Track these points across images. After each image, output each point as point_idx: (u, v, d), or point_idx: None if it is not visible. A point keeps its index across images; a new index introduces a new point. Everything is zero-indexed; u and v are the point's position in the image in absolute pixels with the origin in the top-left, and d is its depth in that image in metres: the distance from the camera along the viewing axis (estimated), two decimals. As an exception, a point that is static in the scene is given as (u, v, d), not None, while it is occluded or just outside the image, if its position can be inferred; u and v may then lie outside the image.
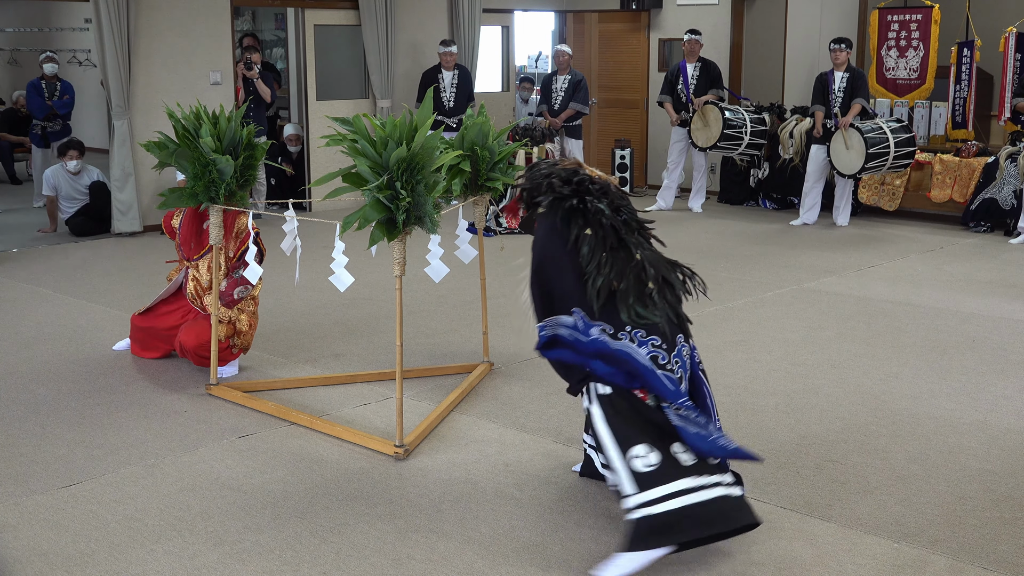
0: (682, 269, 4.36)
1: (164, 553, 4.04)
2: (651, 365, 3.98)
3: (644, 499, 3.84)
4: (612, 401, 4.00)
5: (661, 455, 3.88)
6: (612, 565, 3.84)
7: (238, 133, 5.76)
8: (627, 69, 13.81)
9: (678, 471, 3.87)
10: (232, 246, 6.05)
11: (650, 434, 3.94)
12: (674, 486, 3.85)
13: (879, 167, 10.58)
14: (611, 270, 4.07)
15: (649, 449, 3.89)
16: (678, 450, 3.93)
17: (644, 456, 3.88)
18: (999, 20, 11.18)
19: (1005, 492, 4.57)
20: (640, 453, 3.89)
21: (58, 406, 5.68)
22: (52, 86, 12.75)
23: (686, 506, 3.83)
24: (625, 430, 3.94)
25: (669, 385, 3.98)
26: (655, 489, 3.84)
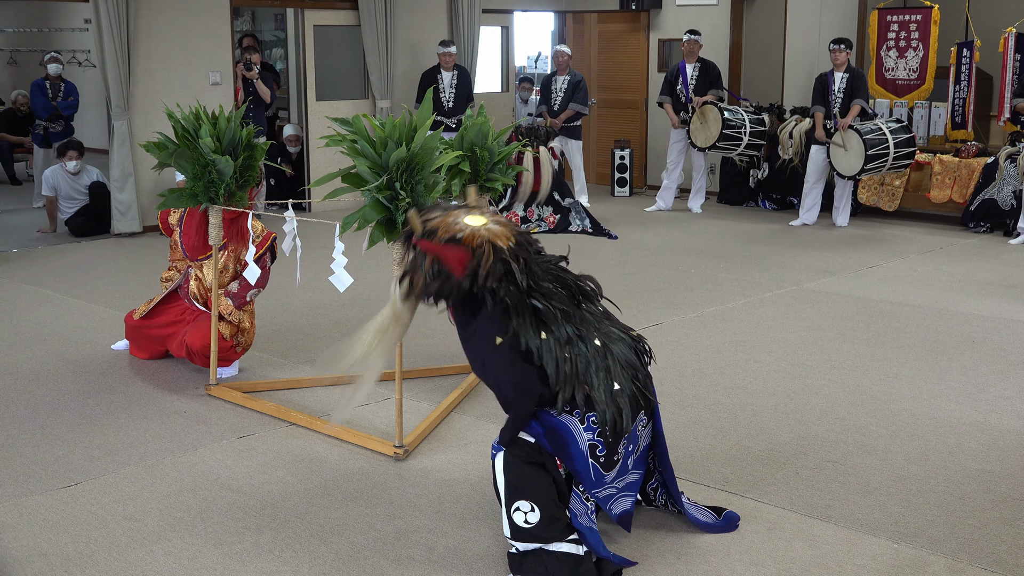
0: (635, 341, 4.09)
1: (163, 553, 4.04)
2: (585, 452, 3.84)
3: (517, 547, 3.84)
4: (525, 451, 3.86)
5: (541, 515, 3.79)
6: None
7: (237, 133, 5.76)
8: (626, 69, 13.81)
9: (558, 533, 3.81)
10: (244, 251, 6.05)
11: (543, 494, 3.82)
12: (552, 547, 3.80)
13: (879, 168, 10.58)
14: (575, 374, 3.81)
15: (531, 507, 3.80)
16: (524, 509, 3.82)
17: (527, 512, 3.81)
18: (998, 20, 11.17)
19: (1005, 492, 4.57)
20: (524, 508, 3.81)
21: (57, 406, 5.68)
22: (56, 87, 12.78)
23: (567, 555, 3.80)
24: (520, 482, 3.83)
25: (592, 476, 3.86)
26: (527, 543, 3.81)
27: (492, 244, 3.77)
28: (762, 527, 4.25)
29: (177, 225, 6.29)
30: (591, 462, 3.84)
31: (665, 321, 7.30)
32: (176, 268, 6.38)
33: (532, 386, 3.81)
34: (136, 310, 6.49)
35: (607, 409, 3.80)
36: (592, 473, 3.84)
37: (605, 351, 3.89)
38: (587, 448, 3.83)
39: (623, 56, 13.84)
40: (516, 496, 3.82)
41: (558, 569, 3.77)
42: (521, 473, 3.83)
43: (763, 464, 4.87)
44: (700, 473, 4.76)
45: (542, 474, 3.85)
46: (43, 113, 12.65)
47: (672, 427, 5.32)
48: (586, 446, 3.82)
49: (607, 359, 3.88)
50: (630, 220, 11.43)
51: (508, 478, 3.84)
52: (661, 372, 6.18)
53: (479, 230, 3.79)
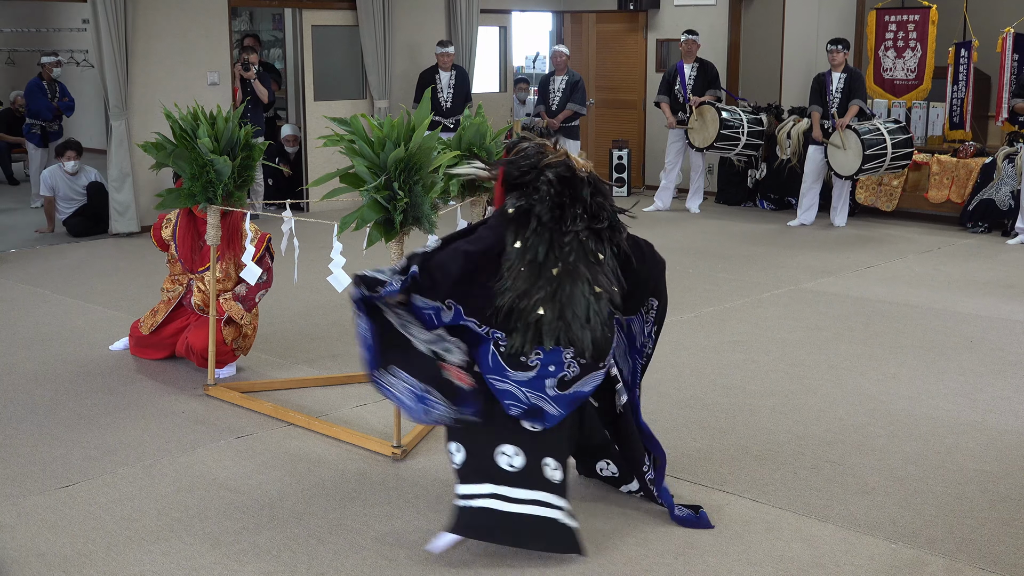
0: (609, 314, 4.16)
1: (161, 554, 4.04)
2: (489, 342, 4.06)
3: (461, 491, 4.04)
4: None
5: (467, 455, 4.05)
6: (440, 540, 4.05)
7: (235, 134, 5.76)
8: (625, 70, 13.81)
9: (493, 476, 4.02)
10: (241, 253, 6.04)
11: (467, 434, 4.06)
12: (485, 488, 4.00)
13: (876, 168, 10.59)
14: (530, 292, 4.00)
15: (458, 448, 4.07)
16: (509, 453, 4.03)
17: (453, 453, 4.08)
18: (997, 20, 11.18)
19: (1003, 492, 4.57)
20: (451, 449, 4.10)
21: (56, 406, 5.68)
22: (53, 87, 12.78)
23: (502, 513, 3.98)
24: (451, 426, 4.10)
25: (490, 362, 4.05)
26: (467, 485, 4.02)
27: (568, 156, 4.15)
28: (760, 527, 4.25)
29: (172, 239, 6.27)
30: (492, 350, 4.04)
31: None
32: (178, 281, 6.34)
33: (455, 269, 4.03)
34: (141, 324, 6.43)
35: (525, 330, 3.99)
36: (490, 360, 4.04)
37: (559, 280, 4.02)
38: (492, 341, 4.05)
39: (621, 56, 13.84)
40: (448, 438, 4.12)
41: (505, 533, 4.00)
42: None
43: (761, 464, 4.87)
44: (698, 473, 4.77)
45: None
46: (46, 114, 12.65)
47: (670, 427, 5.32)
48: (492, 340, 4.05)
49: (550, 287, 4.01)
50: (628, 220, 11.40)
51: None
52: (659, 372, 6.18)
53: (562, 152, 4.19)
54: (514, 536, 4.00)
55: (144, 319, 6.44)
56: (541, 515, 4.00)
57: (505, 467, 4.03)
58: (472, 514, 4.00)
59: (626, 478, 4.48)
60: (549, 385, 4.05)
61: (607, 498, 4.50)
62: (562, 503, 4.05)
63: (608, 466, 4.49)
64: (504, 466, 4.03)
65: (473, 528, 4.00)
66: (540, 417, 4.05)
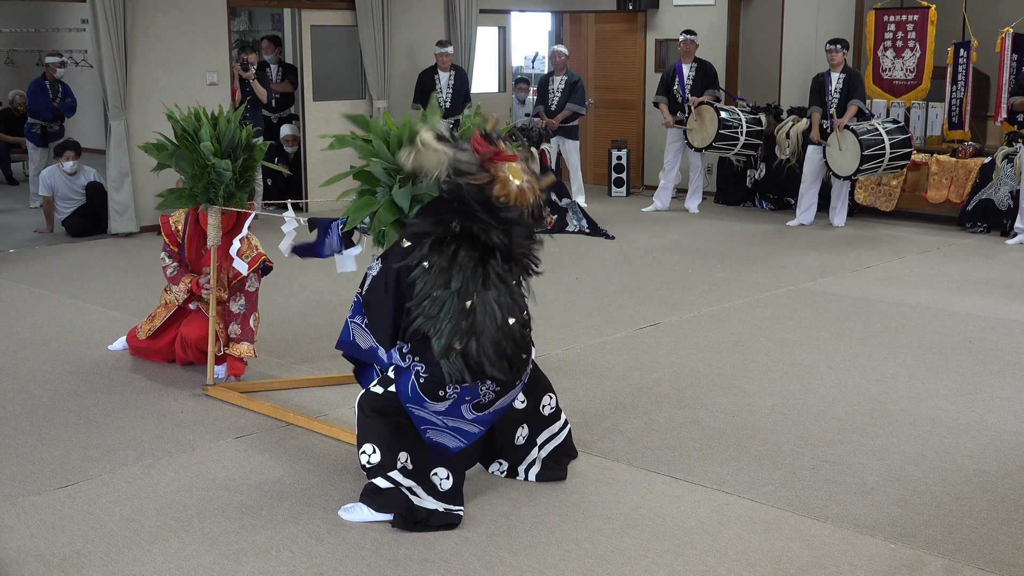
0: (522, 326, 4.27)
1: (160, 554, 4.04)
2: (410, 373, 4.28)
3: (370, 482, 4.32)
4: (375, 401, 4.35)
5: (382, 457, 4.29)
6: (350, 510, 4.34)
7: (237, 135, 5.75)
8: (624, 70, 13.81)
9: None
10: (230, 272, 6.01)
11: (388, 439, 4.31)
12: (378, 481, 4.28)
13: (875, 168, 10.59)
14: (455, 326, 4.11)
15: (373, 449, 4.31)
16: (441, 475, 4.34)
17: (369, 455, 4.32)
18: (996, 21, 11.18)
19: (1002, 493, 4.58)
20: (367, 451, 4.32)
21: (55, 406, 5.68)
22: (55, 87, 12.78)
23: (405, 499, 4.24)
24: (367, 431, 4.34)
25: (409, 393, 4.29)
26: (378, 479, 4.28)
27: (493, 183, 4.17)
28: (759, 527, 4.25)
29: (181, 239, 6.14)
30: (412, 380, 4.26)
31: (662, 321, 7.30)
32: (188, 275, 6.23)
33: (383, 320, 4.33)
34: (138, 330, 6.39)
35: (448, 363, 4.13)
36: (410, 391, 4.27)
37: (472, 314, 4.10)
38: (413, 372, 4.27)
39: (620, 56, 13.84)
40: (363, 439, 4.35)
41: (386, 500, 4.24)
42: (369, 420, 4.33)
43: (760, 464, 4.88)
44: (697, 473, 4.77)
45: (383, 421, 4.31)
46: (47, 114, 12.65)
47: (669, 427, 5.32)
48: (412, 372, 4.27)
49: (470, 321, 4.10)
50: (627, 220, 11.43)
51: (359, 423, 4.38)
52: (658, 372, 6.19)
53: (512, 185, 4.19)
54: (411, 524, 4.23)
55: (141, 325, 6.39)
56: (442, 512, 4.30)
57: (437, 485, 4.33)
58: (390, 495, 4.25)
59: (514, 472, 4.71)
60: (466, 410, 4.29)
61: (606, 499, 4.50)
62: (458, 509, 4.34)
63: (500, 465, 4.72)
64: (436, 484, 4.33)
65: (386, 505, 4.25)
66: (462, 439, 4.36)
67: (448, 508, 4.29)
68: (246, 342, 5.98)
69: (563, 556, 4.01)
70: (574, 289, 8.19)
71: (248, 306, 6.02)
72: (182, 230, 6.15)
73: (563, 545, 4.10)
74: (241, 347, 5.97)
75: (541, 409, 4.70)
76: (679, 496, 4.52)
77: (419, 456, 4.32)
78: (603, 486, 4.62)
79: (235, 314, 6.00)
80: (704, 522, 4.29)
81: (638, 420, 5.43)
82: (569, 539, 4.15)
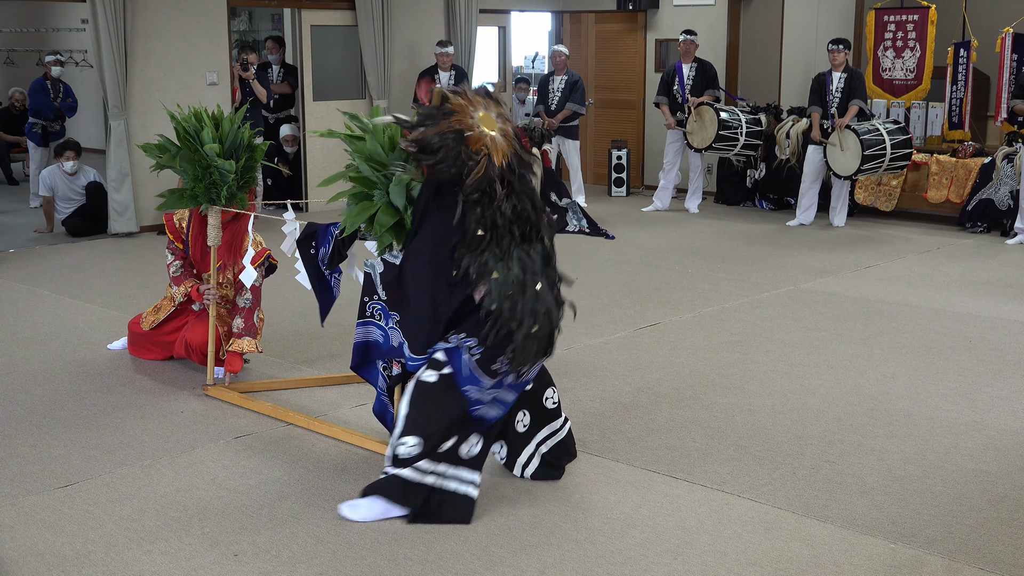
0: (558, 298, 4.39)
1: (160, 553, 4.04)
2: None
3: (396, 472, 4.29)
4: (430, 391, 4.28)
5: (423, 449, 4.23)
6: (353, 507, 4.32)
7: (239, 136, 5.75)
8: (624, 70, 13.81)
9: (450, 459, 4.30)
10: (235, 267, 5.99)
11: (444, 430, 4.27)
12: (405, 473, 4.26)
13: (875, 168, 10.59)
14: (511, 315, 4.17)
15: (416, 441, 4.24)
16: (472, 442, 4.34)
17: (410, 446, 4.24)
18: (996, 21, 11.19)
19: (1001, 492, 4.58)
20: (408, 442, 4.25)
21: (55, 406, 5.68)
22: (56, 87, 12.79)
23: (425, 490, 4.26)
24: (414, 424, 4.26)
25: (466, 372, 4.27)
26: (406, 471, 4.26)
27: (489, 157, 4.10)
28: (759, 527, 4.25)
29: (185, 237, 6.12)
30: (466, 358, 4.22)
31: (662, 321, 7.31)
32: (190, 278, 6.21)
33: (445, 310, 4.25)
34: (142, 319, 6.39)
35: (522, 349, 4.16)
36: (465, 370, 4.22)
37: (537, 295, 4.19)
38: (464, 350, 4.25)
39: (620, 56, 13.84)
40: (410, 430, 4.25)
41: (404, 493, 4.24)
42: (422, 412, 4.25)
43: (760, 464, 4.88)
44: (697, 473, 4.77)
45: (438, 414, 4.25)
46: (48, 113, 12.65)
47: (669, 427, 5.32)
48: (464, 349, 4.25)
49: (536, 306, 4.17)
50: (627, 220, 11.43)
51: (409, 413, 4.28)
52: (658, 372, 6.19)
53: (485, 136, 4.11)
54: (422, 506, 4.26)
55: (146, 315, 6.39)
56: (456, 490, 4.30)
57: (465, 452, 4.32)
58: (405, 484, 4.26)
59: (511, 463, 4.71)
60: (508, 381, 4.32)
61: (606, 499, 4.50)
62: (475, 477, 4.35)
63: (501, 449, 4.73)
64: (465, 451, 4.32)
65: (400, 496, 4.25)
66: (502, 408, 4.38)
67: (463, 487, 4.29)
68: (248, 337, 5.98)
69: (563, 556, 4.01)
70: (574, 289, 8.14)
71: (253, 301, 6.02)
72: (186, 228, 6.13)
73: (563, 545, 4.10)
74: (243, 342, 5.96)
75: (544, 401, 4.69)
76: (679, 496, 4.52)
77: (463, 437, 4.31)
78: (603, 486, 4.62)
79: (240, 308, 6.00)
80: (704, 522, 4.29)
81: (638, 420, 5.43)
82: (569, 539, 4.15)
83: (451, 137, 4.11)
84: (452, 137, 4.11)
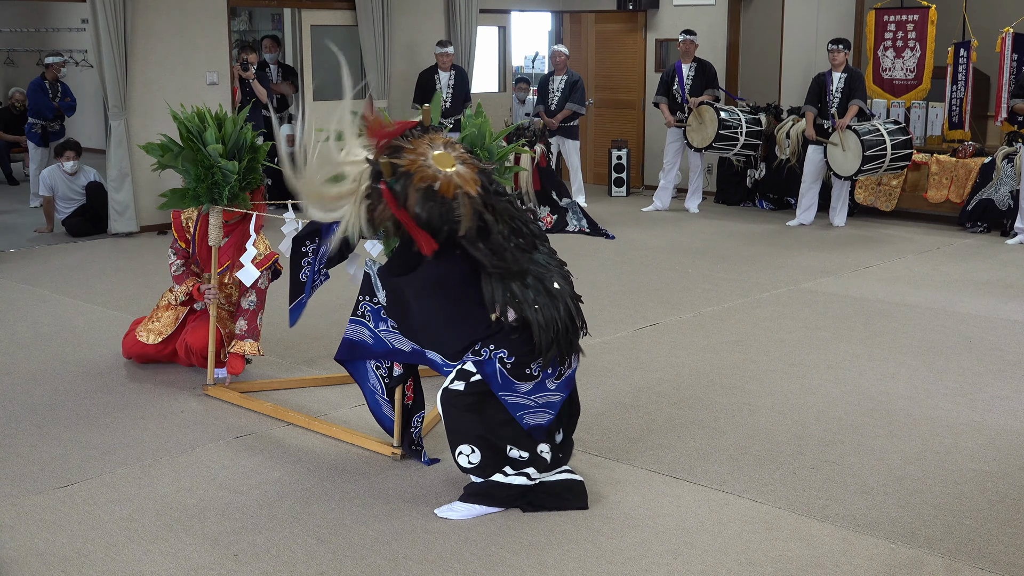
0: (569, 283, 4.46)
1: (160, 553, 4.04)
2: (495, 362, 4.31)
3: (473, 479, 4.38)
4: (461, 398, 4.33)
5: (482, 455, 4.30)
6: (450, 509, 4.36)
7: (242, 136, 5.75)
8: (624, 70, 13.81)
9: (502, 464, 4.35)
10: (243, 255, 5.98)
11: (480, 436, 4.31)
12: (497, 478, 4.34)
13: (876, 169, 10.59)
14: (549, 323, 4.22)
15: (472, 450, 4.30)
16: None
17: (468, 455, 4.32)
18: (996, 20, 11.18)
19: (1002, 492, 4.58)
20: (465, 452, 4.32)
21: (55, 406, 5.68)
22: (55, 87, 12.79)
23: (522, 489, 4.35)
24: (458, 427, 4.33)
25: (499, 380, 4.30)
26: (496, 476, 4.33)
27: (467, 196, 4.05)
28: (759, 527, 4.25)
29: (192, 237, 6.09)
30: (498, 368, 4.26)
31: (662, 321, 7.31)
32: (191, 277, 6.18)
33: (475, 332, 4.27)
34: (141, 333, 6.21)
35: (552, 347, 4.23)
36: (499, 379, 4.26)
37: (559, 295, 4.27)
38: (496, 360, 4.28)
39: (620, 56, 13.84)
40: (458, 441, 4.32)
41: (506, 495, 4.33)
42: (459, 420, 4.31)
43: (760, 464, 4.88)
44: (697, 473, 4.77)
45: (477, 418, 4.29)
46: (48, 113, 12.66)
47: (669, 427, 5.32)
48: (496, 360, 4.28)
49: (561, 305, 4.25)
50: (627, 220, 11.44)
51: (448, 425, 4.34)
52: (658, 372, 6.18)
53: (452, 177, 4.05)
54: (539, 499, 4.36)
55: (142, 330, 6.21)
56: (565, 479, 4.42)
57: (546, 460, 4.40)
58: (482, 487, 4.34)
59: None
60: (549, 383, 4.32)
61: (606, 499, 4.50)
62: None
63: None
64: (546, 460, 4.40)
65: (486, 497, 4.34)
66: (551, 411, 4.37)
67: (564, 475, 4.41)
68: (250, 339, 5.97)
69: (563, 556, 4.01)
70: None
71: (257, 303, 6.01)
72: (194, 227, 6.10)
73: (563, 545, 4.10)
74: (244, 344, 5.95)
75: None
76: (679, 496, 4.52)
77: (524, 442, 4.34)
78: (603, 486, 4.62)
79: (244, 309, 5.99)
80: (704, 522, 4.29)
81: (638, 420, 5.43)
82: (569, 539, 4.15)
83: (431, 202, 4.01)
84: (429, 199, 4.01)
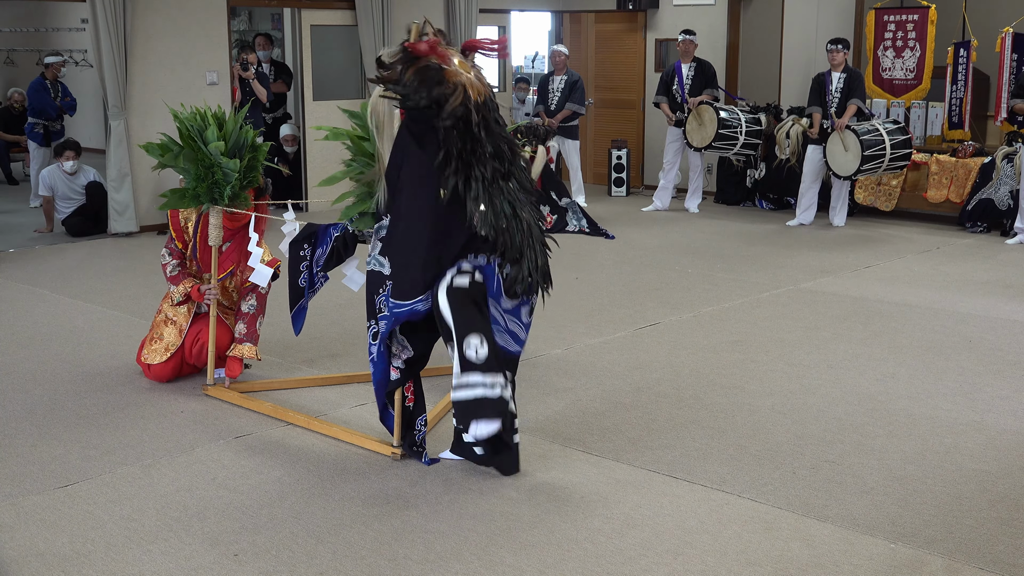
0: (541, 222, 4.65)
1: (160, 553, 4.04)
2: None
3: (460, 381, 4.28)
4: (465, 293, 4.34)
5: (489, 350, 4.25)
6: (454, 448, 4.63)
7: (243, 135, 5.75)
8: (623, 69, 13.82)
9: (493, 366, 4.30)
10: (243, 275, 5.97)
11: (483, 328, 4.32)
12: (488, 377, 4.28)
13: (875, 168, 10.59)
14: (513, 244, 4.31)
15: (481, 340, 4.24)
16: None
17: (477, 347, 4.23)
18: (996, 20, 11.19)
19: (1001, 492, 4.58)
20: (474, 343, 4.24)
21: (55, 406, 5.68)
22: (56, 86, 12.80)
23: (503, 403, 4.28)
24: (468, 323, 4.28)
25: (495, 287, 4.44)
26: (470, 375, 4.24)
27: (465, 89, 4.23)
28: (759, 527, 4.25)
29: (191, 238, 6.05)
30: (498, 276, 4.39)
31: (662, 321, 7.31)
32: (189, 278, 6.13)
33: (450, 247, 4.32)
34: (149, 354, 6.04)
35: (529, 278, 4.33)
36: (495, 287, 4.37)
37: (530, 226, 4.35)
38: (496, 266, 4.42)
39: (620, 56, 13.85)
40: (467, 331, 4.24)
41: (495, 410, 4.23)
42: (467, 311, 4.28)
43: (760, 464, 4.88)
44: (697, 473, 4.77)
45: (479, 314, 4.30)
46: (51, 112, 12.67)
47: (669, 427, 5.32)
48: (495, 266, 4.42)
49: (531, 234, 4.35)
50: (627, 220, 11.44)
51: (456, 319, 4.26)
52: (658, 372, 6.18)
53: (461, 74, 4.29)
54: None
55: (149, 352, 6.05)
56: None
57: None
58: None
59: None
60: (525, 312, 4.46)
61: (606, 499, 4.50)
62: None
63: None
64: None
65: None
66: (516, 344, 4.52)
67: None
68: (249, 343, 5.96)
69: (563, 556, 4.01)
70: (574, 289, 8.19)
71: (258, 307, 6.01)
72: (193, 228, 6.05)
73: (563, 545, 4.10)
74: (243, 348, 5.94)
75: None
76: (679, 496, 4.52)
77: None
78: (603, 486, 4.62)
79: (244, 313, 5.98)
80: (704, 522, 4.29)
81: (638, 420, 5.43)
82: (569, 539, 4.15)
83: (427, 67, 4.22)
84: (429, 67, 4.22)
